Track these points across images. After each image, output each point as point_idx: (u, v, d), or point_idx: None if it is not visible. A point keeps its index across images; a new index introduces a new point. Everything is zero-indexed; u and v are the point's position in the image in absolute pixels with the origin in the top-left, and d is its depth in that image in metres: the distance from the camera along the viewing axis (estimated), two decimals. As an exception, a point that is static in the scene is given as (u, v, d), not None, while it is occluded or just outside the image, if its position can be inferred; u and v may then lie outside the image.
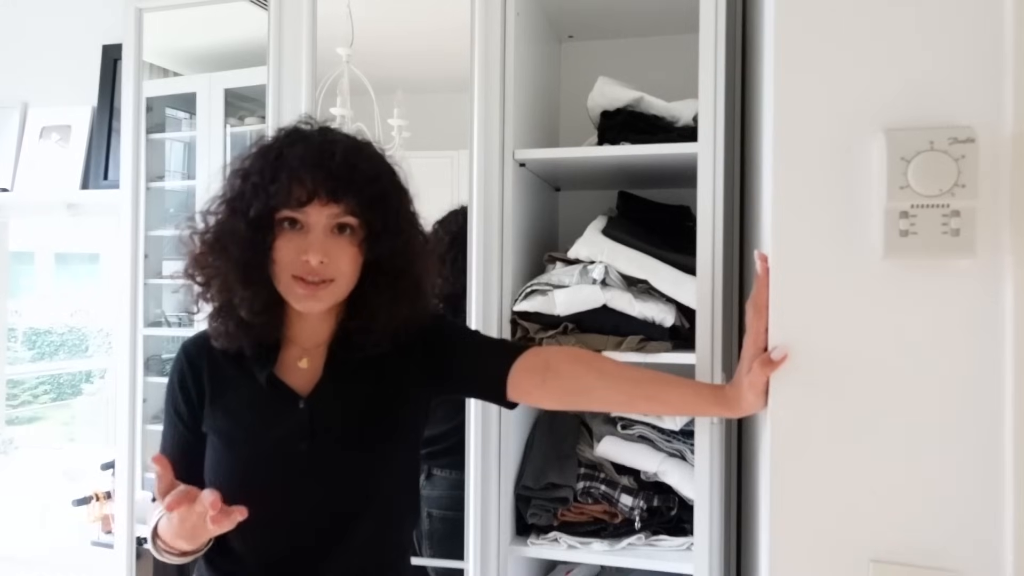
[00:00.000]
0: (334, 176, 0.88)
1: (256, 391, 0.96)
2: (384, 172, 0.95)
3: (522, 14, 1.41)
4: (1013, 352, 0.78)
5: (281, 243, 0.90)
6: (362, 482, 0.96)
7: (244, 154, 0.95)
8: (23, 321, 3.77)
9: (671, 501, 1.36)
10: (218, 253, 0.91)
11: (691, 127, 1.30)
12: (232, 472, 0.95)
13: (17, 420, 3.55)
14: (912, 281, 0.81)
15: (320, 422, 0.95)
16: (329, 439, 0.94)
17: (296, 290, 0.90)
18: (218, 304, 0.94)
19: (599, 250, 1.34)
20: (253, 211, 0.89)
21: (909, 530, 0.81)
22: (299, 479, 0.93)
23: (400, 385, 1.00)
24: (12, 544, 2.19)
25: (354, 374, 0.97)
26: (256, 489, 0.92)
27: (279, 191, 0.88)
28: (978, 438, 0.80)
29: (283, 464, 0.94)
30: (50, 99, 2.11)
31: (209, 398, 0.98)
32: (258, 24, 1.51)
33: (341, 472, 0.95)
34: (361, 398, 0.97)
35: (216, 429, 0.97)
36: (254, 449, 0.95)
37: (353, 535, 0.95)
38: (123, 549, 1.63)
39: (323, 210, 0.89)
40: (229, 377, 0.98)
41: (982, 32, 0.79)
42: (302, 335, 0.99)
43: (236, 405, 0.97)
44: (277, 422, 0.95)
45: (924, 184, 0.77)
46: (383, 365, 0.98)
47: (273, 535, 0.94)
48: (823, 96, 0.84)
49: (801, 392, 0.85)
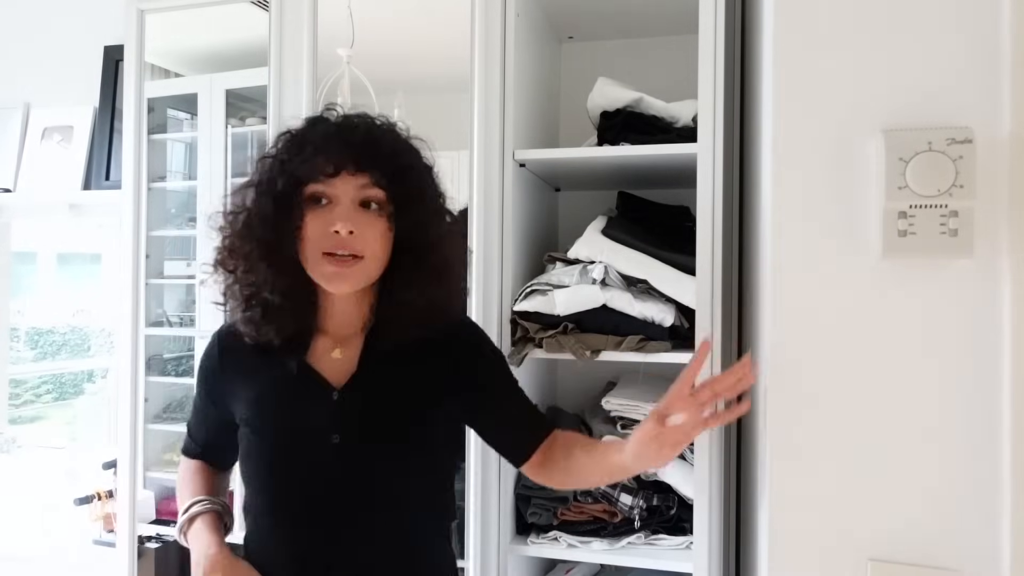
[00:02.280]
0: (358, 148, 0.89)
1: (287, 381, 0.95)
2: (406, 148, 0.96)
3: (522, 15, 1.41)
4: (1011, 351, 0.78)
5: (309, 219, 0.90)
6: (393, 475, 0.94)
7: (271, 143, 0.96)
8: (25, 321, 3.78)
9: (670, 500, 1.36)
10: (245, 236, 0.91)
11: (691, 127, 1.30)
12: (263, 462, 0.95)
13: (19, 419, 3.56)
14: (910, 281, 0.81)
15: (353, 414, 0.94)
16: (361, 432, 0.94)
17: (326, 268, 0.89)
18: (247, 292, 0.93)
19: (599, 250, 1.34)
20: (279, 187, 0.90)
21: (907, 529, 0.82)
22: (330, 470, 0.93)
23: (434, 383, 0.98)
24: (14, 543, 2.20)
25: (389, 368, 0.96)
26: (287, 479, 0.93)
27: (304, 164, 0.89)
28: (976, 437, 0.80)
29: (314, 455, 0.93)
30: (52, 100, 2.12)
31: (239, 389, 0.98)
32: (259, 25, 1.52)
33: (372, 465, 0.94)
34: (395, 392, 0.96)
35: (247, 419, 0.97)
36: (285, 440, 0.94)
37: (384, 527, 0.94)
38: (125, 548, 1.63)
39: (350, 181, 0.89)
40: (260, 366, 0.97)
41: (980, 34, 0.79)
42: (334, 324, 0.98)
43: (267, 396, 0.96)
44: (309, 413, 0.94)
45: (922, 184, 0.77)
46: (418, 361, 0.97)
47: (303, 525, 0.93)
48: (822, 97, 0.84)
49: (800, 391, 0.85)
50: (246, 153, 1.64)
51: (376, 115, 0.96)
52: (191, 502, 0.99)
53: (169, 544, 1.71)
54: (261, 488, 0.95)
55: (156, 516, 1.68)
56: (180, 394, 1.75)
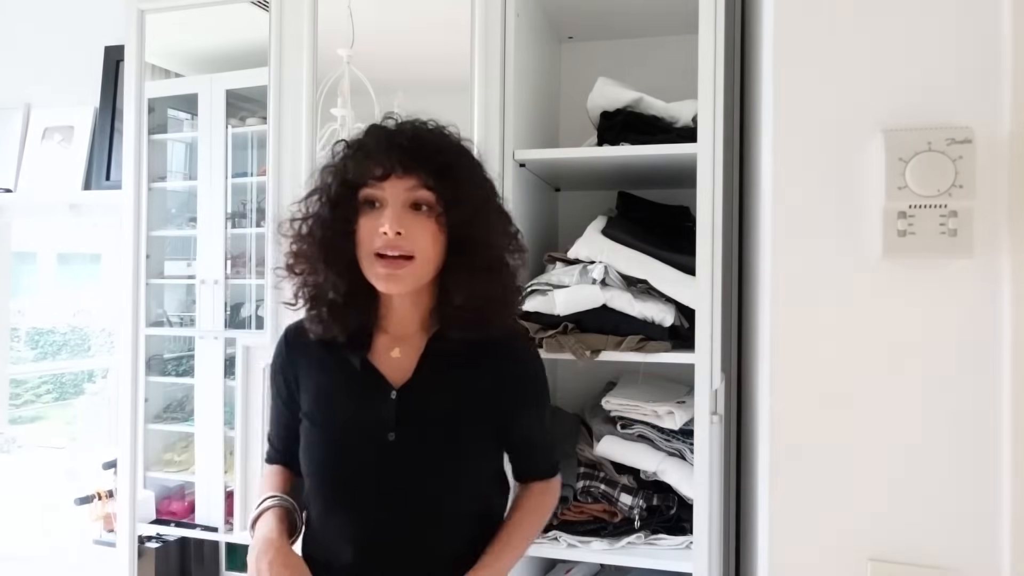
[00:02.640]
0: (405, 150, 0.93)
1: (350, 377, 0.99)
2: (451, 146, 0.99)
3: (522, 15, 1.41)
4: (1011, 351, 0.78)
5: (362, 222, 0.95)
6: (447, 474, 0.98)
7: (332, 152, 1.02)
8: (26, 321, 3.78)
9: (670, 500, 1.36)
10: (308, 241, 0.97)
11: (691, 127, 1.30)
12: (322, 455, 0.99)
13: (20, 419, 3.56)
14: (910, 281, 0.81)
15: (409, 413, 0.97)
16: (416, 430, 0.97)
17: (378, 269, 0.93)
18: (312, 292, 0.99)
19: (599, 250, 1.34)
20: (335, 193, 0.95)
21: (907, 529, 0.82)
22: (385, 466, 0.96)
23: (485, 388, 1.01)
24: (14, 543, 2.20)
25: (446, 369, 0.99)
26: (344, 472, 0.97)
27: (356, 169, 0.95)
28: (976, 437, 0.80)
29: (370, 450, 0.96)
30: (53, 100, 2.12)
31: (304, 382, 1.03)
32: (259, 25, 1.52)
33: (427, 462, 0.97)
34: (449, 394, 0.99)
35: (308, 413, 1.01)
36: (343, 434, 0.98)
37: (433, 525, 0.98)
38: (125, 548, 1.63)
39: (398, 183, 0.93)
40: (324, 362, 1.02)
41: (980, 34, 0.79)
42: (393, 323, 1.01)
43: (329, 390, 1.01)
44: (367, 409, 0.98)
45: (922, 184, 0.77)
46: (474, 364, 1.00)
47: (359, 518, 0.97)
48: (822, 97, 0.84)
49: (800, 391, 0.85)
50: (246, 153, 1.64)
51: (427, 119, 1.00)
52: (264, 497, 1.03)
53: (169, 544, 1.71)
54: (319, 481, 0.99)
55: (156, 516, 1.68)
56: (180, 394, 1.75)
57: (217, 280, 1.62)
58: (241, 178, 1.63)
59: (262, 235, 1.55)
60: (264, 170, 1.52)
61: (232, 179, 1.63)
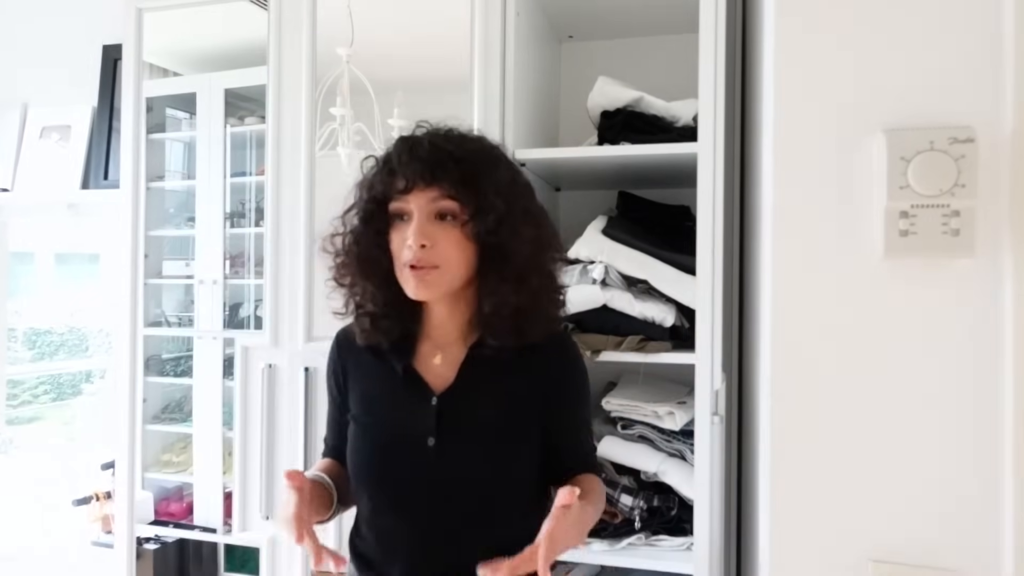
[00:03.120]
0: (425, 162, 0.94)
1: (394, 382, 1.01)
2: (471, 154, 0.98)
3: (522, 14, 1.41)
4: (1013, 351, 0.78)
5: (393, 235, 0.97)
6: (487, 479, 0.98)
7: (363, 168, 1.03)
8: (23, 321, 3.77)
9: (671, 501, 1.36)
10: (349, 254, 1.01)
11: (691, 127, 1.30)
12: (365, 458, 1.01)
13: (17, 420, 3.55)
14: (912, 281, 0.81)
15: (448, 419, 0.98)
16: (456, 437, 0.98)
17: (408, 278, 0.95)
18: (355, 301, 1.02)
19: (599, 250, 1.34)
20: (366, 208, 0.99)
21: (909, 530, 0.82)
22: (426, 471, 0.97)
23: (528, 395, 1.01)
24: (12, 544, 2.20)
25: (487, 376, 1.00)
26: (384, 476, 0.99)
27: (382, 183, 0.97)
28: (978, 437, 0.80)
29: (411, 455, 0.98)
30: (50, 99, 2.11)
31: (351, 384, 1.06)
32: (258, 24, 1.51)
33: (466, 468, 0.98)
34: (491, 400, 1.00)
35: (355, 416, 1.04)
36: (385, 438, 1.00)
37: (472, 530, 0.98)
38: (123, 549, 1.63)
39: (422, 195, 0.94)
40: (371, 366, 1.04)
41: (982, 32, 0.79)
42: (434, 331, 1.03)
43: (373, 393, 1.03)
44: (408, 414, 0.99)
45: (924, 184, 0.77)
46: (516, 371, 1.00)
47: (407, 522, 0.99)
48: (823, 96, 0.84)
49: (801, 391, 0.85)
50: (245, 152, 1.64)
51: (452, 125, 1.01)
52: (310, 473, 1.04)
53: (167, 545, 1.70)
54: (363, 482, 1.01)
55: (155, 517, 1.68)
56: (179, 394, 1.74)
57: (216, 280, 1.62)
58: (240, 177, 1.63)
59: (261, 235, 1.54)
60: (263, 170, 1.52)
61: (231, 178, 1.63)
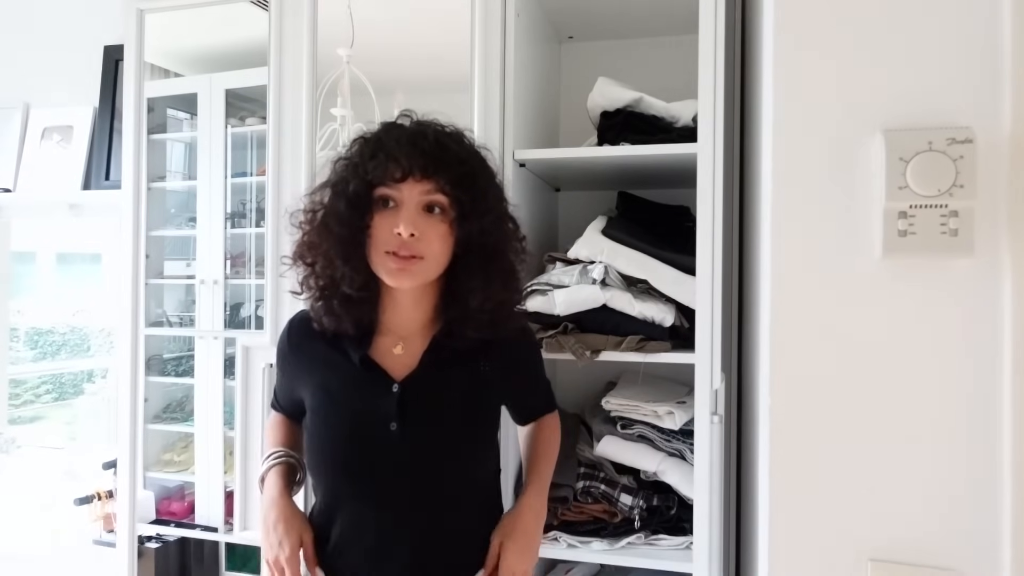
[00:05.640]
0: (427, 155, 0.95)
1: (350, 371, 1.02)
2: (473, 156, 1.01)
3: (522, 14, 1.41)
4: (1011, 351, 0.78)
5: (377, 221, 0.96)
6: (446, 460, 1.01)
7: (347, 145, 1.03)
8: (25, 321, 3.77)
9: (671, 500, 1.36)
10: (322, 232, 0.98)
11: (691, 127, 1.30)
12: (326, 447, 1.02)
13: (19, 420, 3.56)
14: (910, 281, 0.81)
15: (411, 405, 1.00)
16: (419, 422, 1.00)
17: (388, 264, 0.95)
18: (323, 283, 1.00)
19: (599, 250, 1.34)
20: (352, 189, 0.96)
21: (908, 529, 0.82)
22: (388, 457, 0.99)
23: (487, 381, 1.05)
24: (14, 543, 2.20)
25: (447, 365, 1.02)
26: (347, 462, 1.00)
27: (376, 168, 0.95)
28: (976, 437, 0.80)
29: (373, 442, 0.99)
30: (52, 100, 2.12)
31: (307, 374, 1.06)
32: (259, 25, 1.52)
33: (430, 451, 1.00)
34: (452, 388, 1.03)
35: (313, 406, 1.04)
36: (347, 426, 1.01)
37: (446, 509, 1.01)
38: (124, 548, 1.63)
39: (416, 186, 0.95)
40: (327, 357, 1.04)
41: (980, 33, 0.79)
42: (395, 322, 1.04)
43: (331, 383, 1.03)
44: (370, 402, 1.00)
45: (923, 184, 0.77)
46: (475, 361, 1.03)
47: (364, 508, 1.01)
48: (822, 96, 0.84)
49: (800, 391, 0.85)
50: (246, 153, 1.64)
51: (446, 123, 1.02)
52: (271, 452, 1.10)
53: (169, 544, 1.71)
54: (325, 470, 1.02)
55: (156, 516, 1.68)
56: (180, 394, 1.75)
57: (217, 280, 1.62)
58: (240, 178, 1.63)
59: (262, 235, 1.55)
60: (263, 170, 1.52)
61: (231, 179, 1.63)
